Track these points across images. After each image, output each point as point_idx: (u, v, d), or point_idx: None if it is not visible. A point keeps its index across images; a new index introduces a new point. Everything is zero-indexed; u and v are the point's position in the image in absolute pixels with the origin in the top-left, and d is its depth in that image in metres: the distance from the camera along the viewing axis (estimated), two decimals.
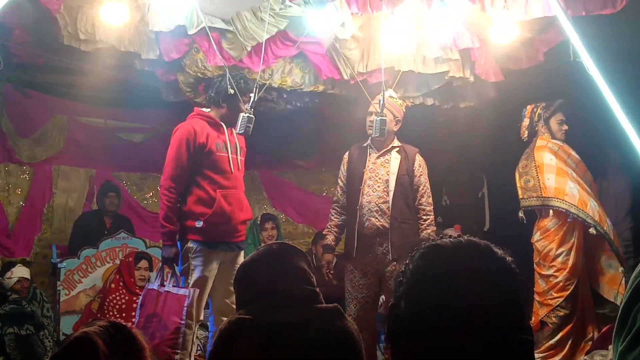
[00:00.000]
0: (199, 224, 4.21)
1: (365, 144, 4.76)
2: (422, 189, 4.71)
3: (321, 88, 5.75)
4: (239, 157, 4.41)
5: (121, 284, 5.79)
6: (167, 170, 4.22)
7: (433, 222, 4.72)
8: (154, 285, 4.23)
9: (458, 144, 7.00)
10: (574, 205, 4.76)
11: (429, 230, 4.65)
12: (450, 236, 1.31)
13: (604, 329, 4.64)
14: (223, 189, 4.27)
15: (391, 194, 4.60)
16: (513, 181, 5.13)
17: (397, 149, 4.73)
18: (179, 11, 4.64)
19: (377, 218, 4.56)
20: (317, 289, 2.31)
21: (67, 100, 6.92)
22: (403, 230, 4.55)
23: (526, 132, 5.14)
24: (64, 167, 7.27)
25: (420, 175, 4.72)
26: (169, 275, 4.26)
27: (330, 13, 4.66)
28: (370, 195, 4.59)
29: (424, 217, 4.69)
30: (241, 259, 4.40)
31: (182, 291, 4.10)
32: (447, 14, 4.61)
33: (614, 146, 4.85)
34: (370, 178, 4.64)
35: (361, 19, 5.09)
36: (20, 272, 5.73)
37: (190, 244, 4.24)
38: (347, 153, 4.86)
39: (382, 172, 4.65)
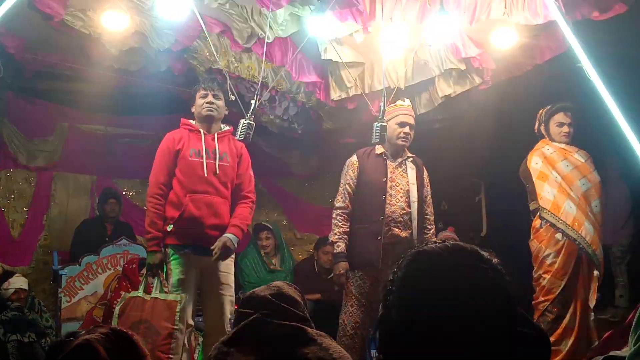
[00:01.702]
0: (170, 227, 4.31)
1: (379, 152, 4.72)
2: (429, 199, 4.79)
3: (314, 100, 5.82)
4: (217, 162, 4.39)
5: (129, 287, 5.76)
6: (151, 179, 4.42)
7: (434, 231, 4.80)
8: (138, 292, 4.27)
9: (456, 149, 7.00)
10: (546, 210, 4.74)
11: (434, 239, 4.65)
12: (434, 242, 1.30)
13: (605, 335, 4.60)
14: (193, 193, 4.32)
15: (414, 204, 4.63)
16: (511, 186, 5.12)
17: (411, 159, 4.78)
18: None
19: (400, 229, 4.57)
20: (309, 318, 2.40)
21: (68, 108, 6.94)
22: (422, 240, 4.57)
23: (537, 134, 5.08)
24: (65, 173, 7.29)
25: (428, 185, 4.81)
26: (156, 282, 4.32)
27: (331, 20, 4.65)
28: (394, 206, 4.58)
29: (429, 227, 4.75)
30: (224, 267, 4.39)
31: (171, 297, 4.18)
32: (447, 22, 4.60)
33: (616, 153, 4.79)
34: (391, 188, 4.62)
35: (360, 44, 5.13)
36: (17, 283, 5.69)
37: (167, 249, 4.34)
38: (354, 159, 4.76)
39: (402, 183, 4.66)
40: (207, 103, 4.44)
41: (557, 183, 4.79)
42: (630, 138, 4.24)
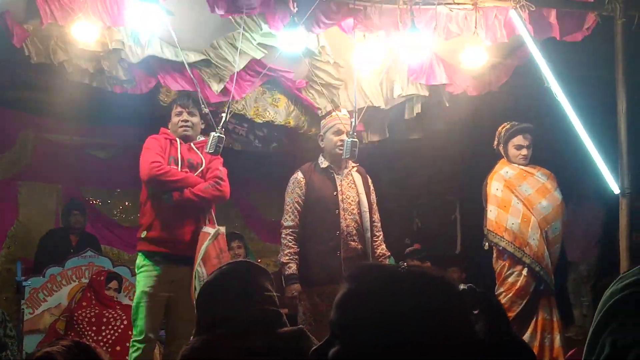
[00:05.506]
0: (144, 234, 4.28)
1: (324, 166, 4.66)
2: (375, 207, 4.76)
3: (292, 123, 5.77)
4: (193, 173, 4.39)
5: (93, 299, 5.68)
6: (144, 164, 4.28)
7: (382, 237, 4.75)
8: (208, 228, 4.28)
9: (429, 166, 7.05)
10: (511, 243, 4.69)
11: (383, 246, 4.72)
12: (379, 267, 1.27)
13: (569, 353, 4.65)
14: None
15: (366, 214, 4.60)
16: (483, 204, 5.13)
17: (356, 168, 4.75)
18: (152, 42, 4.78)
19: (356, 242, 4.55)
20: (280, 310, 2.29)
21: (34, 117, 6.85)
22: (374, 249, 4.61)
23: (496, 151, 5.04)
24: (30, 182, 7.21)
25: (373, 192, 4.78)
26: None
27: (304, 36, 4.64)
28: (347, 219, 4.54)
29: (377, 234, 4.71)
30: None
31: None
32: (418, 40, 4.61)
33: (588, 173, 4.78)
34: (343, 201, 4.58)
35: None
36: None
37: (138, 256, 4.32)
38: (299, 175, 4.65)
39: (352, 194, 4.63)
40: (182, 121, 4.46)
41: (519, 210, 4.77)
42: (597, 159, 4.32)
